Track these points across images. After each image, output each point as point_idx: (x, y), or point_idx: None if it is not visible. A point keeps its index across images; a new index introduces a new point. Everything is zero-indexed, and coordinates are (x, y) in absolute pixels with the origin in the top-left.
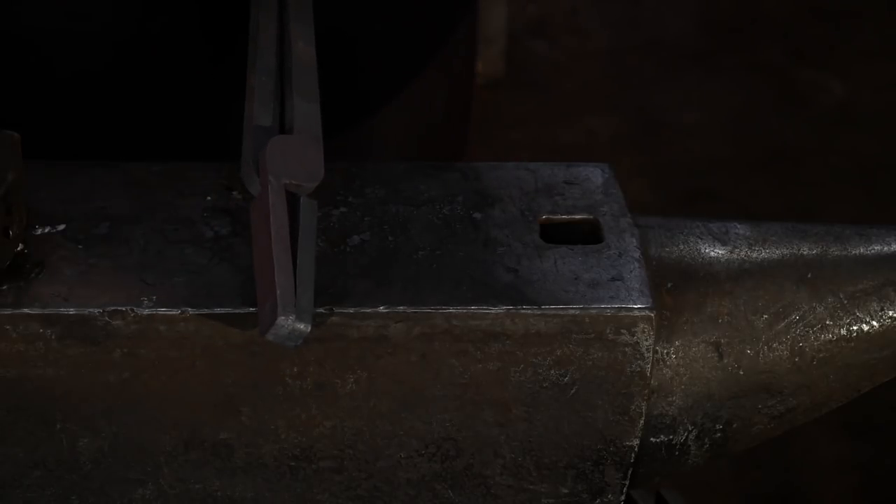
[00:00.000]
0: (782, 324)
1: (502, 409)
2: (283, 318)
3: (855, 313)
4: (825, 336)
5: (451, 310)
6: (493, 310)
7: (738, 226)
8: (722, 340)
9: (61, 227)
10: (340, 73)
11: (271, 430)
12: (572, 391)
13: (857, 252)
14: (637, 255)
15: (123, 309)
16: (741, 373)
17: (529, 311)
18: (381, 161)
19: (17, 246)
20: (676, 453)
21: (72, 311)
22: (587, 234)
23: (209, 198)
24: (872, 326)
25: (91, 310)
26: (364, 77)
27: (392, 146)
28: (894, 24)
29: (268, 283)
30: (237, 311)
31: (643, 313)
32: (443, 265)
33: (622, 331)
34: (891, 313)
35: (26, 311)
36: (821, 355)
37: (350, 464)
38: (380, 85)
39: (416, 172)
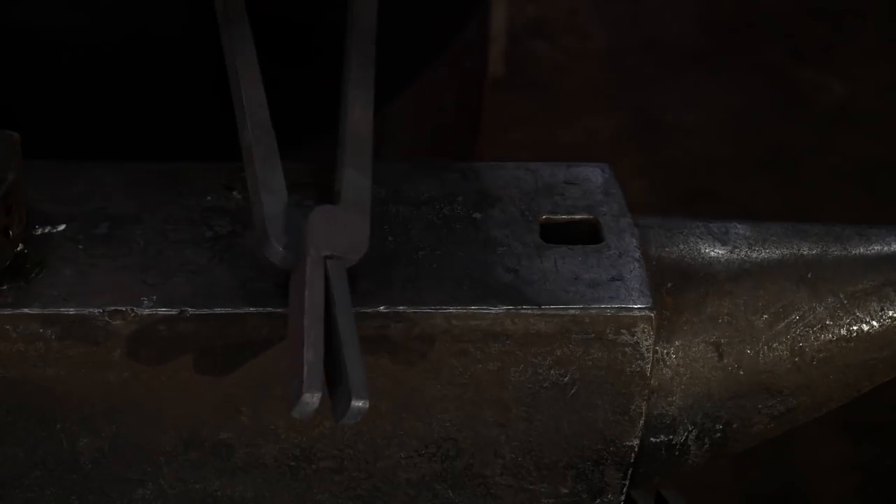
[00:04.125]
0: (782, 324)
1: (502, 409)
2: (307, 395)
3: (855, 313)
4: (825, 336)
5: (451, 310)
6: (493, 310)
7: (738, 226)
8: (722, 340)
9: (61, 227)
10: None
11: (271, 430)
12: (572, 391)
13: (857, 252)
14: (637, 255)
15: (123, 309)
16: (741, 373)
17: (529, 311)
18: (385, 160)
19: (17, 246)
20: (676, 453)
21: (72, 311)
22: (587, 234)
23: (209, 198)
24: (872, 326)
25: (91, 310)
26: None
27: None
28: (894, 24)
29: (296, 359)
30: (237, 311)
31: (643, 313)
32: (443, 265)
33: (622, 331)
34: (891, 313)
35: (26, 311)
36: (821, 355)
37: (350, 464)
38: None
39: (417, 172)
